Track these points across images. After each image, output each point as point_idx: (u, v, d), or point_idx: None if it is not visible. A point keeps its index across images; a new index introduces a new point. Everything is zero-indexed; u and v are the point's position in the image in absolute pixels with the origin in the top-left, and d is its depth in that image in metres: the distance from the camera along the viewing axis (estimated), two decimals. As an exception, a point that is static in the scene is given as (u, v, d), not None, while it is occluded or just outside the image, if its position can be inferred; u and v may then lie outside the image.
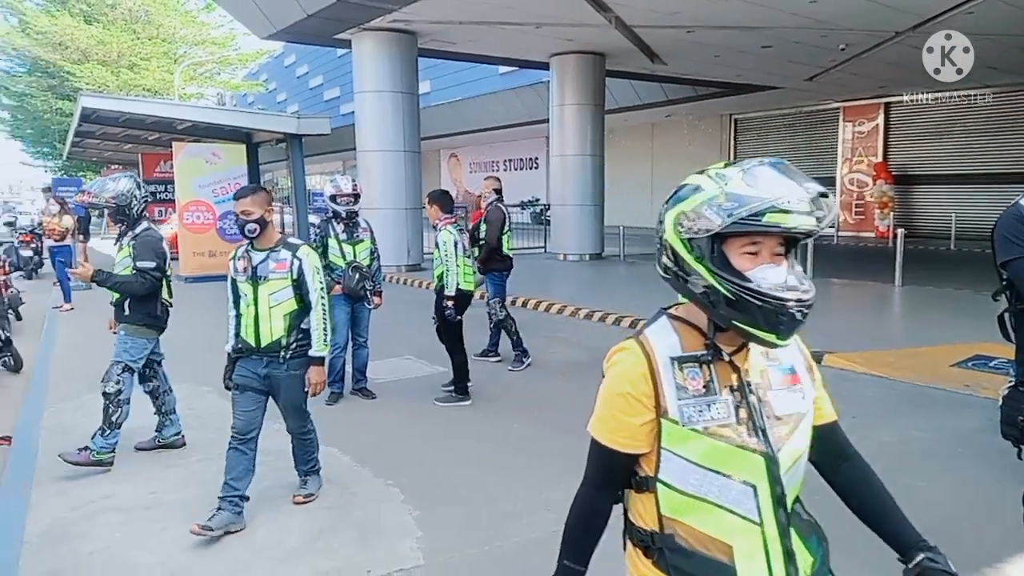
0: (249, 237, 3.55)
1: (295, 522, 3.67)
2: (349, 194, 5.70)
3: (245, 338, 3.60)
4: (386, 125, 13.73)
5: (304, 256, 3.61)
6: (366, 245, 5.80)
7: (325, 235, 5.74)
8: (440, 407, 5.64)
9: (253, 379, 3.61)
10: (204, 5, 25.58)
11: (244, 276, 3.59)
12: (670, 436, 1.30)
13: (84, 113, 13.43)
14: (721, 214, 1.20)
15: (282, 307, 3.57)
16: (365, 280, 5.66)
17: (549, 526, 3.62)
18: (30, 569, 3.21)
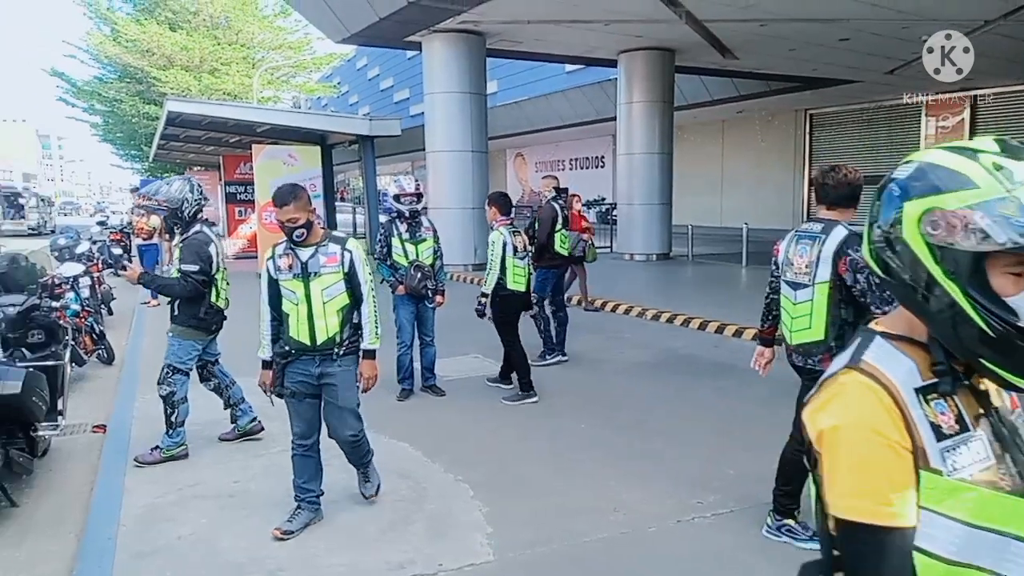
0: (297, 241, 3.44)
1: (370, 513, 3.79)
2: (412, 194, 5.74)
3: (297, 338, 3.48)
4: (454, 126, 13.91)
5: (353, 248, 3.55)
6: (429, 244, 5.84)
7: (389, 235, 5.82)
8: (508, 405, 5.70)
9: (307, 382, 3.52)
10: (280, 10, 26.44)
11: (290, 274, 3.47)
12: (932, 492, 0.96)
13: (170, 117, 14.13)
14: (1011, 230, 0.89)
15: (335, 302, 3.48)
16: (427, 279, 5.71)
17: (618, 527, 3.63)
18: (124, 549, 3.41)
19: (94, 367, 7.17)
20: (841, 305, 3.15)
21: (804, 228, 3.36)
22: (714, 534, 3.59)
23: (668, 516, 3.74)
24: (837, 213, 3.28)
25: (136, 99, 25.79)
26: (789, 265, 3.35)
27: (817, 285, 3.20)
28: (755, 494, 3.94)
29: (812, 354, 3.25)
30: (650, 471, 4.33)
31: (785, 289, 3.39)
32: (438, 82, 13.91)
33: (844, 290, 3.13)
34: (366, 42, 15.92)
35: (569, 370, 6.84)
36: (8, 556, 3.52)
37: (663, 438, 4.94)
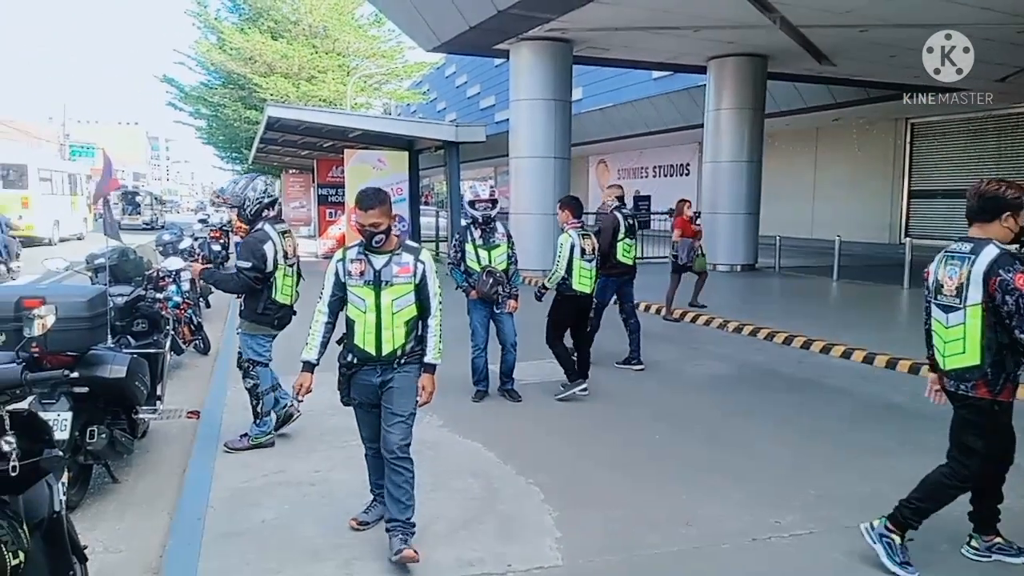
0: (375, 247, 3.36)
1: (442, 509, 3.86)
2: (486, 199, 5.75)
3: (363, 347, 3.37)
4: (538, 132, 13.99)
5: (427, 260, 3.45)
6: (502, 250, 5.83)
7: (464, 240, 5.87)
8: (571, 401, 5.70)
9: (370, 391, 3.41)
10: (375, 20, 27.28)
11: (362, 280, 3.37)
12: None
13: (269, 121, 14.82)
14: None
15: (404, 313, 3.38)
16: (499, 284, 5.71)
17: (690, 541, 3.57)
18: (211, 530, 3.61)
19: (191, 356, 7.60)
20: (997, 328, 3.03)
21: (953, 248, 3.22)
22: (792, 555, 3.47)
23: (743, 533, 3.65)
24: (980, 230, 3.15)
25: (238, 104, 27.16)
26: (939, 288, 3.23)
27: (968, 308, 3.08)
28: (836, 516, 3.80)
29: (966, 379, 3.13)
30: (726, 486, 4.23)
31: (936, 312, 3.27)
32: (524, 89, 14.04)
33: (997, 312, 3.00)
34: (455, 50, 16.24)
35: (645, 380, 6.76)
36: (111, 527, 3.79)
37: (740, 453, 4.82)
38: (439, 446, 4.83)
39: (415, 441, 3.88)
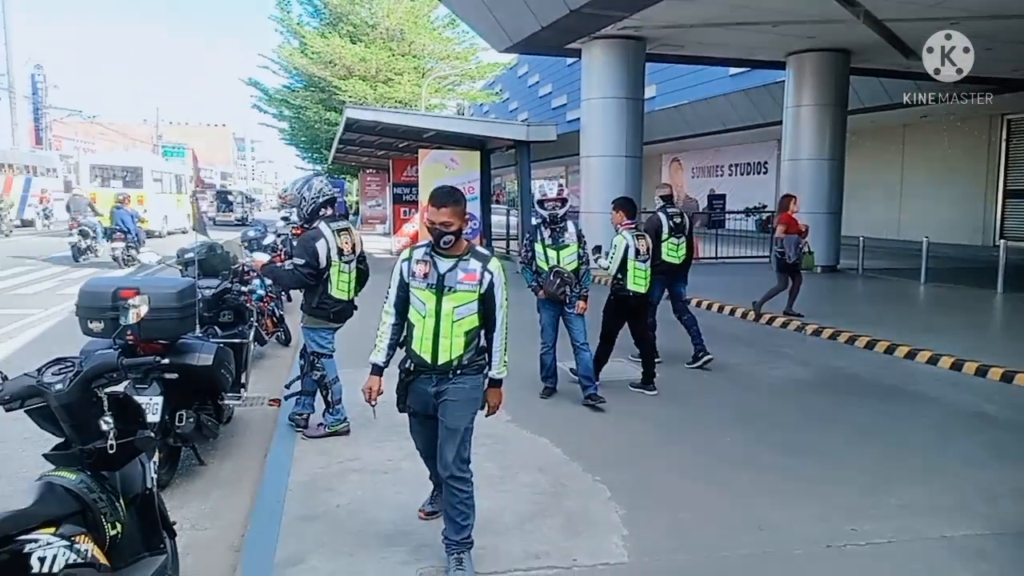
0: (443, 248, 3.17)
1: (509, 502, 3.91)
2: (554, 198, 5.68)
3: (419, 353, 3.21)
4: (609, 131, 13.90)
5: (495, 270, 3.21)
6: (572, 250, 5.75)
7: (533, 239, 5.84)
8: (644, 407, 5.66)
9: (426, 401, 3.26)
10: (449, 22, 27.69)
11: (425, 283, 3.19)
12: None
13: (348, 123, 15.25)
14: None
15: (464, 322, 3.18)
16: (566, 285, 5.64)
17: (761, 545, 3.50)
18: (290, 512, 3.76)
19: (272, 347, 7.91)
20: None
21: None
22: (869, 564, 3.36)
23: (818, 540, 3.55)
24: None
25: (319, 106, 28.06)
26: None
27: None
28: (919, 527, 3.65)
29: None
30: (800, 492, 4.12)
31: None
32: (595, 87, 13.97)
33: None
34: (528, 50, 16.31)
35: (719, 383, 6.64)
36: (197, 507, 4.01)
37: (817, 459, 4.67)
38: (507, 440, 4.89)
39: (482, 435, 3.95)
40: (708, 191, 29.59)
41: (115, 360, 2.75)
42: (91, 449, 2.61)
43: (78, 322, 4.20)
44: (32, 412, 2.64)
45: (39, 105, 40.71)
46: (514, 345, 3.50)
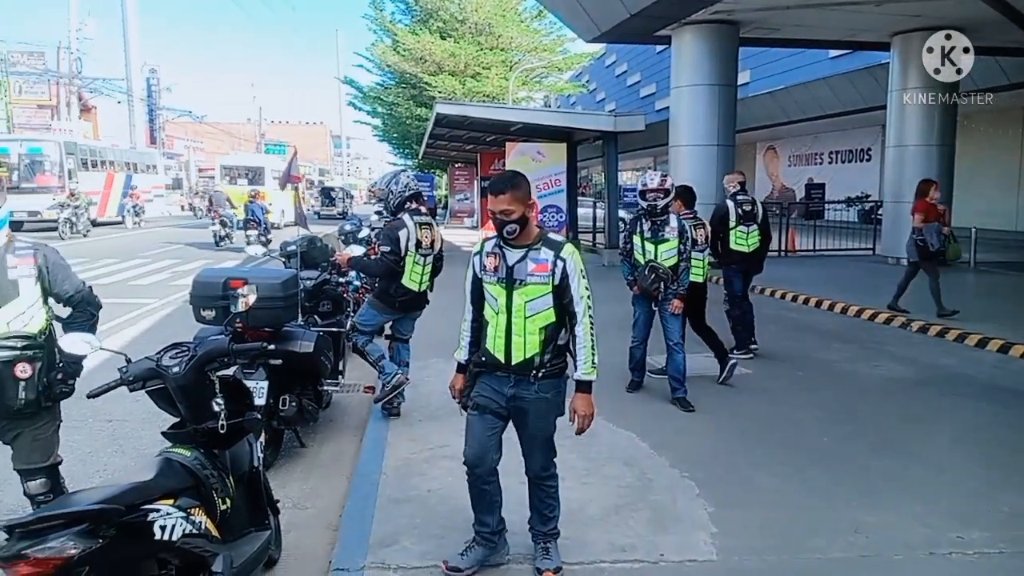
0: (508, 239, 2.96)
1: (594, 494, 3.93)
2: (656, 189, 5.46)
3: (492, 351, 3.02)
4: (700, 119, 13.57)
5: (568, 256, 2.95)
6: (671, 245, 5.50)
7: (632, 231, 5.65)
8: (733, 403, 5.54)
9: (496, 400, 3.05)
10: (536, 13, 27.73)
11: (495, 277, 3.00)
12: None
13: (437, 118, 15.57)
14: None
15: (539, 317, 2.95)
16: (661, 281, 5.43)
17: (857, 549, 3.39)
18: (384, 495, 3.92)
19: (366, 337, 8.20)
20: None
21: None
22: (976, 574, 3.18)
23: (919, 546, 3.39)
24: None
25: (410, 103, 28.74)
26: None
27: None
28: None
29: None
30: (901, 496, 3.94)
31: None
32: (686, 75, 13.67)
33: None
34: (616, 39, 16.13)
35: (814, 379, 6.41)
36: (298, 487, 4.24)
37: (920, 462, 4.45)
38: (592, 433, 4.79)
39: (567, 427, 3.94)
40: (806, 180, 28.40)
41: (226, 345, 2.96)
42: (204, 428, 2.82)
43: (191, 310, 4.52)
44: (152, 393, 2.88)
45: (153, 107, 43.52)
46: (602, 339, 3.48)
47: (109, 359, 3.61)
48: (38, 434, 3.02)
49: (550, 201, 14.40)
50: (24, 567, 1.93)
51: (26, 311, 2.90)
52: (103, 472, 4.35)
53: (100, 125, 43.78)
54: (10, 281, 2.86)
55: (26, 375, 2.81)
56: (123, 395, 3.19)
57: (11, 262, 2.89)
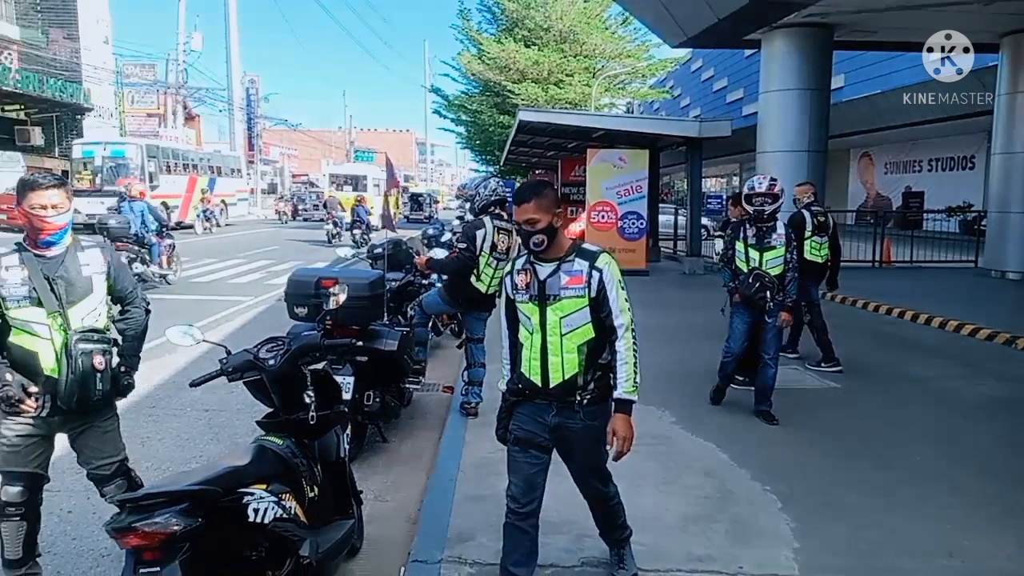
0: (536, 251, 2.74)
1: (672, 503, 3.88)
2: (763, 194, 5.24)
3: (528, 375, 2.78)
4: (790, 124, 13.16)
5: (605, 266, 2.72)
6: (778, 253, 5.25)
7: (735, 237, 5.44)
8: (819, 417, 5.34)
9: (538, 431, 2.80)
10: (622, 20, 27.60)
11: (526, 295, 2.76)
12: None
13: (520, 124, 15.72)
14: None
15: (576, 334, 2.72)
16: (766, 290, 5.16)
17: (952, 572, 3.22)
18: (461, 492, 4.00)
19: (447, 338, 8.36)
20: None
21: None
22: (1086, 609, 2.97)
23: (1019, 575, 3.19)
24: None
25: (493, 110, 29.16)
26: None
27: None
28: None
29: None
30: (998, 520, 3.72)
31: None
32: (775, 79, 13.30)
33: None
34: (702, 44, 15.86)
35: (908, 395, 6.12)
36: (379, 480, 4.38)
37: (1021, 487, 4.18)
38: (671, 441, 4.84)
39: (645, 434, 3.93)
40: (903, 188, 27.06)
41: (318, 341, 3.11)
42: (295, 419, 2.96)
43: (285, 307, 4.75)
44: (249, 383, 3.05)
45: (252, 115, 45.72)
46: (680, 342, 3.46)
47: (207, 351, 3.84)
48: (106, 427, 3.09)
49: (631, 208, 14.25)
50: (133, 538, 2.10)
51: (97, 307, 2.99)
52: (199, 458, 4.62)
53: (203, 132, 46.42)
54: (84, 278, 2.96)
55: (101, 367, 2.90)
56: (218, 386, 3.39)
57: (83, 259, 2.99)
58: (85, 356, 2.85)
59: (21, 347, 2.87)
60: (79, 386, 2.85)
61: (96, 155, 23.98)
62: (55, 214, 2.85)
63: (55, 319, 2.86)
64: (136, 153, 24.34)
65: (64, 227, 2.92)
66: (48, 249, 2.91)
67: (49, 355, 2.86)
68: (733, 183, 41.62)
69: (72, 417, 2.96)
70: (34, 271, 2.85)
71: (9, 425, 2.88)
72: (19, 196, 2.86)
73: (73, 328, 2.87)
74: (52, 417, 2.91)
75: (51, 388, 2.87)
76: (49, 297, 2.85)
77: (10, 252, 2.90)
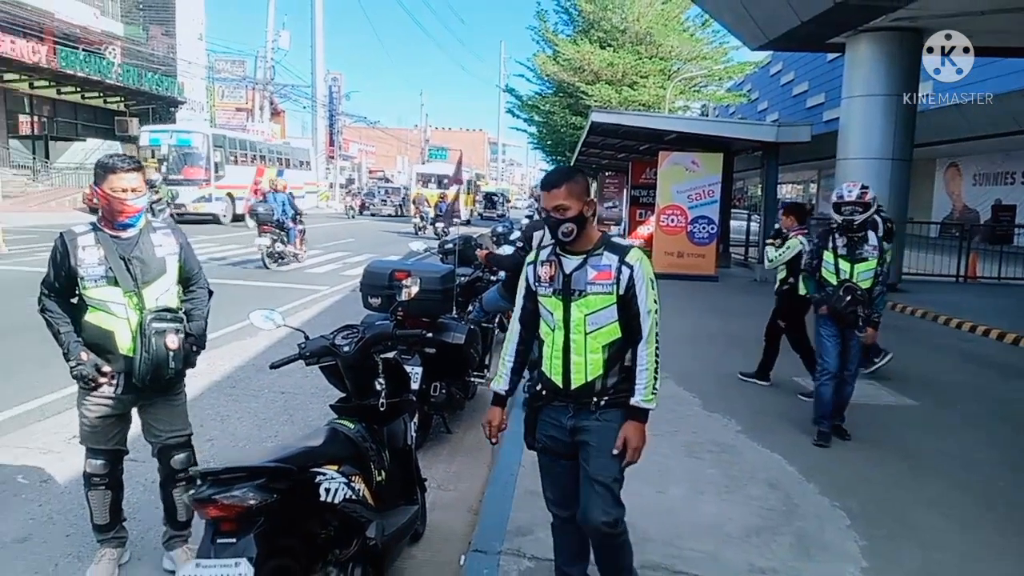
0: (564, 241, 2.56)
1: (735, 512, 3.83)
2: (853, 202, 4.94)
3: (549, 375, 2.62)
4: (873, 131, 12.68)
5: (635, 262, 2.53)
6: (870, 265, 4.98)
7: (823, 246, 5.14)
8: (894, 435, 5.14)
9: (559, 438, 2.64)
10: (702, 22, 27.16)
11: (550, 288, 2.59)
12: None
13: (592, 126, 15.69)
14: None
15: (601, 335, 2.54)
16: (858, 304, 4.89)
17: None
18: (521, 486, 4.02)
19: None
20: None
21: None
22: None
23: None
24: None
25: (566, 111, 29.16)
26: None
27: None
28: None
29: None
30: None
31: None
32: (860, 85, 12.84)
33: None
34: (783, 47, 15.45)
35: (988, 415, 5.84)
36: (443, 469, 4.47)
37: (1118, 520, 3.94)
38: (736, 450, 4.76)
39: (708, 441, 3.88)
40: (993, 201, 25.69)
41: (390, 330, 3.21)
42: (366, 404, 3.07)
43: (360, 297, 4.90)
44: (324, 368, 3.17)
45: (333, 112, 47.05)
46: (747, 350, 3.41)
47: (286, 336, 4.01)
48: (176, 402, 3.16)
49: (702, 212, 14.02)
50: (212, 509, 2.21)
51: (170, 287, 3.05)
52: (274, 438, 4.81)
53: (287, 127, 48.07)
54: (158, 259, 3.01)
55: (174, 346, 2.94)
56: (295, 370, 3.54)
57: (156, 240, 3.03)
58: (159, 335, 2.90)
59: (97, 326, 2.93)
60: (153, 364, 2.91)
61: (162, 143, 24.01)
62: (134, 197, 2.91)
63: (131, 299, 2.92)
64: (202, 142, 24.19)
65: (141, 210, 2.98)
66: (124, 231, 2.97)
67: (125, 334, 2.93)
68: (810, 190, 40.36)
69: (145, 394, 3.04)
70: (110, 251, 2.92)
71: (88, 407, 2.99)
72: (98, 179, 2.92)
73: (147, 308, 2.93)
74: (125, 395, 2.99)
75: (125, 367, 2.94)
76: (125, 277, 2.91)
77: (86, 232, 2.96)
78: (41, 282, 2.98)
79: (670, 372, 6.31)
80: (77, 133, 30.95)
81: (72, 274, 2.91)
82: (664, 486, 4.11)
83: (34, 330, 2.99)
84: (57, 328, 2.93)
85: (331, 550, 2.66)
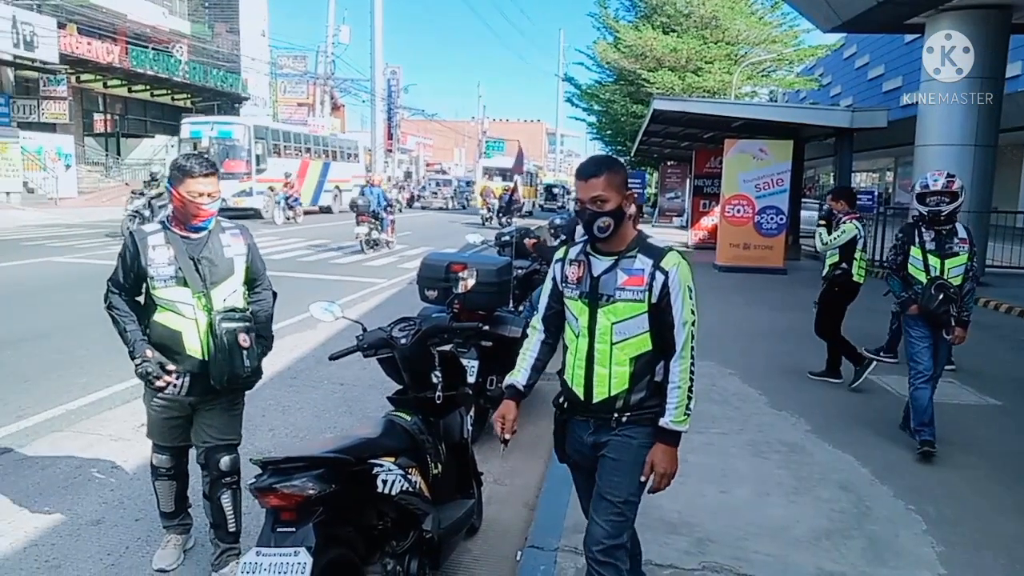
0: (599, 237, 2.31)
1: (803, 514, 3.68)
2: (940, 192, 4.59)
3: (570, 385, 2.41)
4: (954, 116, 11.99)
5: (672, 268, 2.28)
6: (960, 260, 4.63)
7: (909, 242, 4.78)
8: (971, 436, 4.84)
9: (583, 450, 2.45)
10: (772, 5, 26.28)
11: (576, 290, 2.38)
12: None
13: (654, 114, 15.37)
14: None
15: (630, 345, 2.30)
16: (951, 303, 4.55)
17: None
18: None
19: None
20: None
21: None
22: None
23: None
24: None
25: (626, 99, 28.69)
26: None
27: None
28: None
29: None
30: None
31: None
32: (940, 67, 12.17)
33: None
34: (858, 29, 14.79)
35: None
36: (498, 463, 4.44)
37: None
38: (805, 451, 4.58)
39: (775, 440, 3.74)
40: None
41: (447, 323, 3.19)
42: (423, 397, 3.06)
43: (417, 290, 4.91)
44: (381, 361, 3.17)
45: (392, 105, 47.66)
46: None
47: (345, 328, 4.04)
48: (234, 410, 3.11)
49: (770, 202, 13.56)
50: (273, 498, 2.24)
51: (237, 288, 3.03)
52: (333, 429, 4.88)
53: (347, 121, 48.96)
54: (227, 259, 3.00)
55: (246, 344, 2.93)
56: (353, 362, 3.55)
57: (225, 240, 3.02)
58: (230, 334, 2.89)
59: (166, 326, 2.93)
60: (228, 364, 2.89)
61: (203, 135, 23.23)
62: (210, 202, 2.91)
63: (200, 299, 2.92)
64: (243, 134, 23.40)
65: (215, 214, 2.98)
66: (196, 232, 2.97)
67: (193, 335, 2.92)
68: (886, 178, 38.70)
69: (206, 398, 3.00)
70: (180, 251, 2.91)
71: (154, 407, 3.03)
72: (174, 180, 2.90)
73: (215, 308, 2.92)
74: (188, 397, 2.98)
75: (191, 367, 2.93)
76: (194, 277, 2.91)
77: (156, 231, 2.96)
78: (108, 279, 3.01)
79: (735, 368, 6.16)
80: (146, 130, 32.36)
81: (141, 273, 2.93)
82: (728, 486, 3.98)
83: (106, 321, 3.08)
84: (123, 326, 2.96)
85: (388, 542, 2.67)
